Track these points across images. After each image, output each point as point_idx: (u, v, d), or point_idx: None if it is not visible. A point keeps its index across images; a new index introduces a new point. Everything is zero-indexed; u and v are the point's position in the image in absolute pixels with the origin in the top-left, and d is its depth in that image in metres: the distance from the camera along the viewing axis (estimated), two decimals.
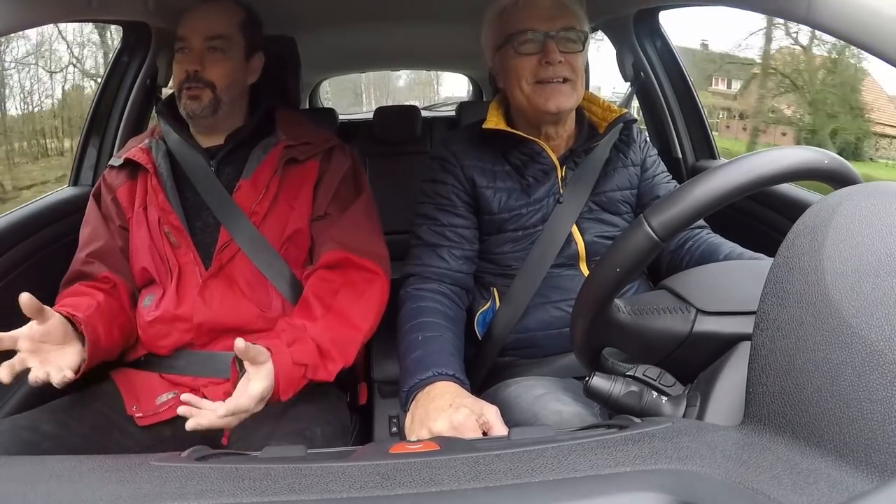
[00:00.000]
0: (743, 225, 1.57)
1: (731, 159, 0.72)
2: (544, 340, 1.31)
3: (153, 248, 1.36)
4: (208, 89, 1.36)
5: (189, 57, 1.36)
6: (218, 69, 1.37)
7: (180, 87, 1.37)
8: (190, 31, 1.37)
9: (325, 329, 1.23)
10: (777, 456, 0.48)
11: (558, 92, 1.26)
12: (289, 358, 1.15)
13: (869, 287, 0.49)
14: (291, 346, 1.17)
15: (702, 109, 2.04)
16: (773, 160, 0.69)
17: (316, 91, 4.09)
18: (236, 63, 1.40)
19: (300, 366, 1.17)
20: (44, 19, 1.18)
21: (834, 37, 0.86)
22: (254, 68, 1.46)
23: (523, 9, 1.26)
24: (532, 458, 0.53)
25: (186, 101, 1.36)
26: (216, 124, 1.40)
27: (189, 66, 1.35)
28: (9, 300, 1.48)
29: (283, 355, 1.15)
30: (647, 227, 0.70)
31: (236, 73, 1.40)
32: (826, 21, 0.86)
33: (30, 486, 0.51)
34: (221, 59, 1.38)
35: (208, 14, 1.39)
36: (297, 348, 1.18)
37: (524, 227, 1.33)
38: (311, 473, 0.52)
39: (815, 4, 0.87)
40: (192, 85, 1.35)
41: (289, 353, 1.16)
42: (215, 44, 1.37)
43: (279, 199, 1.37)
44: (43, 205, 1.69)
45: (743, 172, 0.69)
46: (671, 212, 0.70)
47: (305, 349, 1.19)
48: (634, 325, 0.80)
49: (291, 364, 1.15)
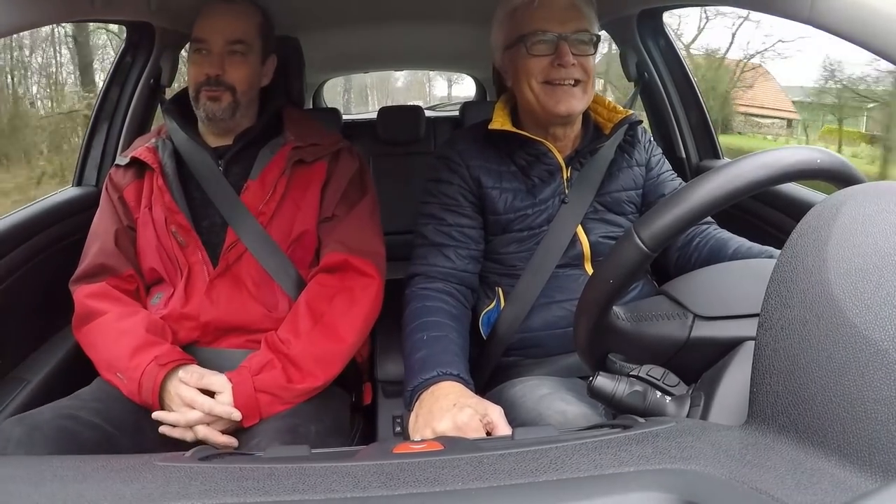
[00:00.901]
0: (746, 224, 1.56)
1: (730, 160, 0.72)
2: (549, 340, 1.31)
3: (161, 247, 1.36)
4: (228, 92, 1.36)
5: (209, 59, 1.36)
6: (239, 73, 1.37)
7: (198, 89, 1.36)
8: (210, 33, 1.36)
9: (310, 344, 1.26)
10: (781, 456, 0.48)
11: (569, 95, 1.26)
12: (250, 386, 1.22)
13: (873, 287, 0.48)
14: (258, 373, 1.23)
15: (705, 109, 2.04)
16: (764, 164, 0.69)
17: (319, 91, 4.09)
18: (255, 66, 1.41)
19: (264, 393, 1.22)
20: (47, 19, 1.19)
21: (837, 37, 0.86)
22: (268, 70, 1.47)
23: (537, 9, 1.26)
24: (536, 458, 0.53)
25: (207, 103, 1.36)
26: (232, 126, 1.40)
27: (210, 70, 1.35)
28: (14, 299, 1.49)
29: (245, 385, 1.22)
30: (637, 239, 0.71)
31: (255, 77, 1.41)
32: (829, 22, 0.86)
33: (34, 486, 0.51)
34: (242, 63, 1.37)
35: (229, 16, 1.38)
36: (263, 376, 1.23)
37: (529, 228, 1.33)
38: (315, 473, 0.52)
39: (817, 5, 0.87)
40: (212, 87, 1.35)
41: (251, 381, 1.22)
42: (237, 47, 1.36)
43: (286, 200, 1.37)
44: (47, 204, 1.70)
45: (730, 178, 0.68)
46: (660, 223, 0.70)
47: (271, 375, 1.23)
48: (633, 331, 0.80)
49: (252, 391, 1.21)
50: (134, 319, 1.28)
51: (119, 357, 1.23)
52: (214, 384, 1.22)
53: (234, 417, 1.20)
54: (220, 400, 1.21)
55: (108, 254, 1.37)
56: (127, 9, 1.53)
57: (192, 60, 1.39)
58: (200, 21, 1.38)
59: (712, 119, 2.05)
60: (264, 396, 1.22)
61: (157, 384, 1.19)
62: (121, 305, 1.32)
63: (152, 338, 1.25)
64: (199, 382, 1.22)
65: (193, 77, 1.38)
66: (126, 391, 1.22)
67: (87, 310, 1.32)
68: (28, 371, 1.52)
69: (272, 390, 1.22)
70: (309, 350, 1.25)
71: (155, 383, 1.19)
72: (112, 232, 1.38)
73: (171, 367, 1.21)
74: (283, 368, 1.24)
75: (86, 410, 1.17)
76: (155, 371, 1.20)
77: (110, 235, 1.38)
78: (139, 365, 1.21)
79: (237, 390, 1.21)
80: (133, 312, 1.31)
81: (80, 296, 1.34)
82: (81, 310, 1.33)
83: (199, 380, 1.22)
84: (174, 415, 1.20)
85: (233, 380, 1.22)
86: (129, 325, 1.27)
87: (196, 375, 1.22)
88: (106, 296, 1.33)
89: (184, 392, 1.20)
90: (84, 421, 1.15)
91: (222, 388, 1.22)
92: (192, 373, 1.23)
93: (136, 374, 1.21)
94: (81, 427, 1.13)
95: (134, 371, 1.21)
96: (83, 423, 1.14)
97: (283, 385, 1.23)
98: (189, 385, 1.21)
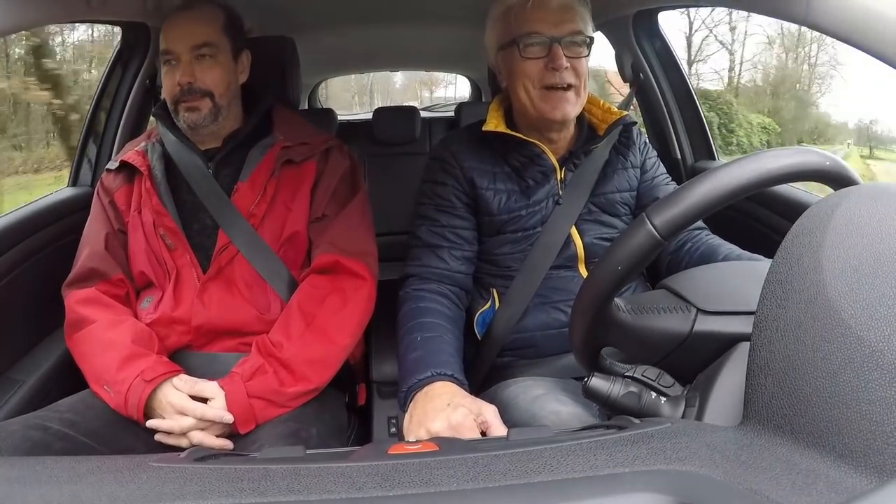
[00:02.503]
0: (742, 226, 1.57)
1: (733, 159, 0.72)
2: (543, 341, 1.31)
3: (149, 251, 1.36)
4: (206, 98, 1.35)
5: (178, 69, 1.35)
6: (211, 76, 1.35)
7: (176, 101, 1.35)
8: (175, 43, 1.35)
9: (302, 348, 1.25)
10: (776, 456, 0.48)
11: (564, 100, 1.26)
12: (243, 393, 1.21)
13: (867, 287, 0.49)
14: (250, 379, 1.22)
15: (701, 110, 2.04)
16: (775, 160, 0.69)
17: (315, 91, 4.09)
18: (227, 66, 1.39)
19: (258, 399, 1.22)
20: (43, 20, 1.18)
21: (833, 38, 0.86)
22: (243, 67, 1.45)
23: (531, 10, 1.25)
24: (531, 458, 0.53)
25: (185, 114, 1.35)
26: (216, 129, 1.39)
27: (181, 79, 1.34)
28: (9, 300, 1.49)
29: (238, 392, 1.21)
30: (650, 225, 0.70)
31: (229, 76, 1.39)
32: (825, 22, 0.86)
33: (28, 488, 0.51)
34: (212, 66, 1.36)
35: (190, 23, 1.37)
36: (255, 381, 1.23)
37: (523, 229, 1.33)
38: (310, 474, 0.52)
39: (813, 5, 0.87)
40: (187, 97, 1.34)
41: (244, 388, 1.21)
42: (203, 51, 1.35)
43: (277, 201, 1.36)
44: (42, 205, 1.69)
45: (745, 172, 0.69)
46: (673, 210, 0.69)
47: (264, 381, 1.23)
48: (634, 324, 0.79)
49: (246, 398, 1.21)
50: (121, 329, 1.28)
51: (107, 369, 1.23)
52: (206, 391, 1.22)
53: (225, 420, 1.19)
54: (212, 405, 1.21)
55: (98, 258, 1.36)
56: (123, 9, 1.53)
57: (164, 74, 1.38)
58: (164, 34, 1.37)
59: None
60: (258, 402, 1.21)
61: (142, 400, 1.19)
62: (109, 313, 1.31)
63: (139, 349, 1.25)
64: (191, 390, 1.22)
65: (168, 90, 1.37)
66: (113, 404, 1.22)
67: (77, 317, 1.31)
68: (23, 372, 1.51)
69: (265, 395, 1.22)
70: (301, 353, 1.25)
71: (140, 399, 1.19)
72: (102, 236, 1.38)
73: (157, 383, 1.21)
74: (275, 372, 1.23)
75: (58, 421, 1.17)
76: (141, 387, 1.19)
77: (100, 239, 1.38)
78: (126, 379, 1.20)
79: (230, 398, 1.20)
80: (121, 321, 1.30)
81: (70, 302, 1.34)
82: (72, 317, 1.32)
83: (191, 387, 1.22)
84: (168, 422, 1.20)
85: (225, 387, 1.22)
86: (116, 336, 1.26)
87: (189, 383, 1.22)
88: (95, 302, 1.32)
89: (175, 399, 1.20)
90: (54, 431, 1.14)
91: (214, 394, 1.21)
92: (185, 381, 1.23)
93: (122, 387, 1.20)
94: (51, 437, 1.13)
95: (121, 385, 1.20)
96: (53, 434, 1.14)
97: (275, 389, 1.22)
98: (181, 392, 1.21)
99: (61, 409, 1.22)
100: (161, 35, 1.38)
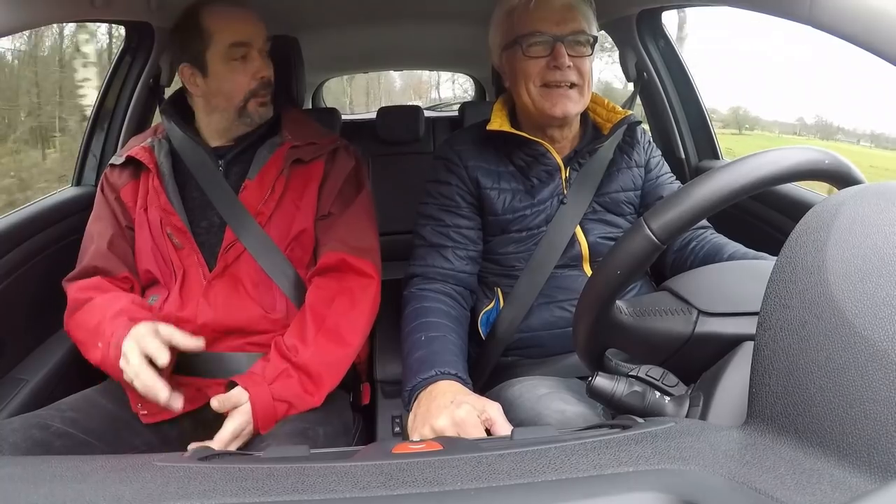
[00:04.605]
0: (746, 225, 1.56)
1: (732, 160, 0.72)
2: (548, 340, 1.31)
3: (156, 249, 1.35)
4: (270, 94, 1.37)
5: (253, 62, 1.34)
6: (270, 72, 1.38)
7: (247, 97, 1.35)
8: (253, 35, 1.34)
9: (317, 352, 1.25)
10: (780, 456, 0.48)
11: (566, 98, 1.26)
12: (268, 396, 1.20)
13: (872, 287, 0.48)
14: (273, 382, 1.21)
15: (705, 110, 2.04)
16: (774, 161, 0.69)
17: (319, 91, 4.09)
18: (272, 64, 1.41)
19: (282, 402, 1.21)
20: (46, 19, 1.18)
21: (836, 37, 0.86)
22: None
23: (534, 10, 1.26)
24: (535, 458, 0.53)
25: (259, 109, 1.36)
26: (229, 127, 1.40)
27: (265, 72, 1.35)
28: (13, 299, 1.49)
29: (263, 395, 1.19)
30: (647, 230, 0.70)
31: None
32: (829, 21, 0.86)
33: (33, 487, 0.51)
34: (269, 63, 1.38)
35: (253, 18, 1.36)
36: (280, 384, 1.22)
37: (528, 228, 1.33)
38: (314, 473, 0.52)
39: (817, 5, 0.87)
40: (265, 91, 1.35)
41: (268, 390, 1.20)
42: (267, 47, 1.37)
43: (285, 200, 1.36)
44: (46, 204, 1.70)
45: (744, 174, 0.69)
46: (671, 214, 0.70)
47: (288, 384, 1.22)
48: (636, 326, 0.79)
49: (271, 401, 1.20)
50: (120, 297, 1.28)
51: (101, 321, 1.21)
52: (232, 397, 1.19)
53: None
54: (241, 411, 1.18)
55: (101, 257, 1.36)
56: (127, 9, 1.53)
57: (230, 69, 1.34)
58: (234, 24, 1.33)
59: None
60: (282, 405, 1.21)
61: (121, 338, 1.14)
62: (111, 293, 1.31)
63: (136, 308, 1.24)
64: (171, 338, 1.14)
65: (240, 85, 1.34)
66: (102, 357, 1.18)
67: (77, 301, 1.30)
68: (27, 371, 1.52)
69: (289, 399, 1.21)
70: (317, 357, 1.24)
71: (119, 338, 1.15)
72: (106, 235, 1.38)
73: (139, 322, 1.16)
74: (299, 379, 1.23)
75: (59, 419, 1.16)
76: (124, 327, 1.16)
77: (104, 238, 1.37)
78: (116, 326, 1.17)
79: (255, 399, 1.18)
80: (121, 295, 1.30)
81: (71, 291, 1.33)
82: (72, 303, 1.31)
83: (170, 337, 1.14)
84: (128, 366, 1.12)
85: (249, 389, 1.19)
86: (113, 299, 1.26)
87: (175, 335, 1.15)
88: (96, 287, 1.32)
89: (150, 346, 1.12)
90: (55, 430, 1.14)
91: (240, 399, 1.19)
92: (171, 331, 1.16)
93: (108, 332, 1.17)
94: (51, 436, 1.13)
95: (110, 335, 1.17)
96: (54, 432, 1.13)
97: (299, 394, 1.22)
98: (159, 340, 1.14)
99: (63, 408, 1.22)
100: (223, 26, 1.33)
